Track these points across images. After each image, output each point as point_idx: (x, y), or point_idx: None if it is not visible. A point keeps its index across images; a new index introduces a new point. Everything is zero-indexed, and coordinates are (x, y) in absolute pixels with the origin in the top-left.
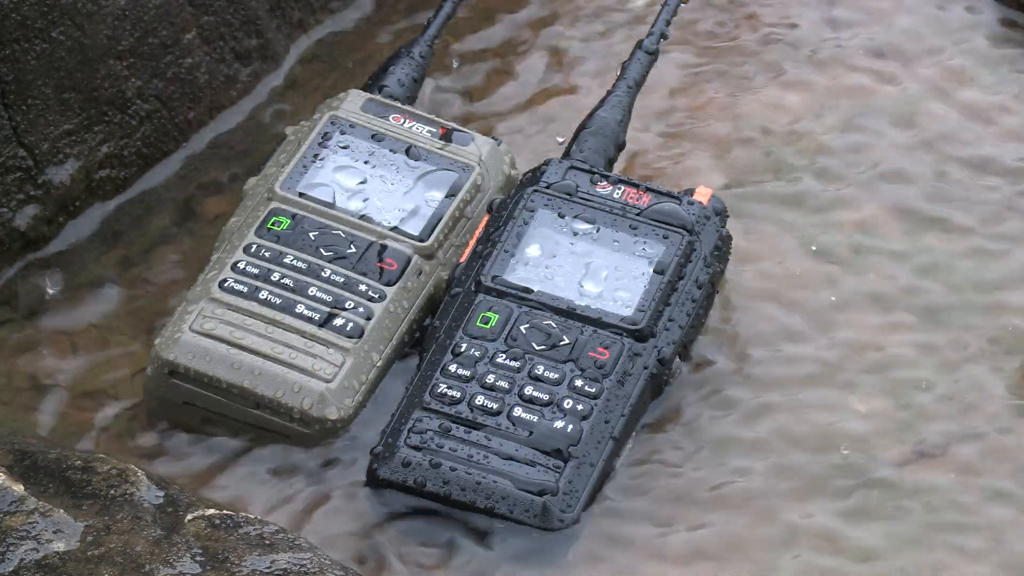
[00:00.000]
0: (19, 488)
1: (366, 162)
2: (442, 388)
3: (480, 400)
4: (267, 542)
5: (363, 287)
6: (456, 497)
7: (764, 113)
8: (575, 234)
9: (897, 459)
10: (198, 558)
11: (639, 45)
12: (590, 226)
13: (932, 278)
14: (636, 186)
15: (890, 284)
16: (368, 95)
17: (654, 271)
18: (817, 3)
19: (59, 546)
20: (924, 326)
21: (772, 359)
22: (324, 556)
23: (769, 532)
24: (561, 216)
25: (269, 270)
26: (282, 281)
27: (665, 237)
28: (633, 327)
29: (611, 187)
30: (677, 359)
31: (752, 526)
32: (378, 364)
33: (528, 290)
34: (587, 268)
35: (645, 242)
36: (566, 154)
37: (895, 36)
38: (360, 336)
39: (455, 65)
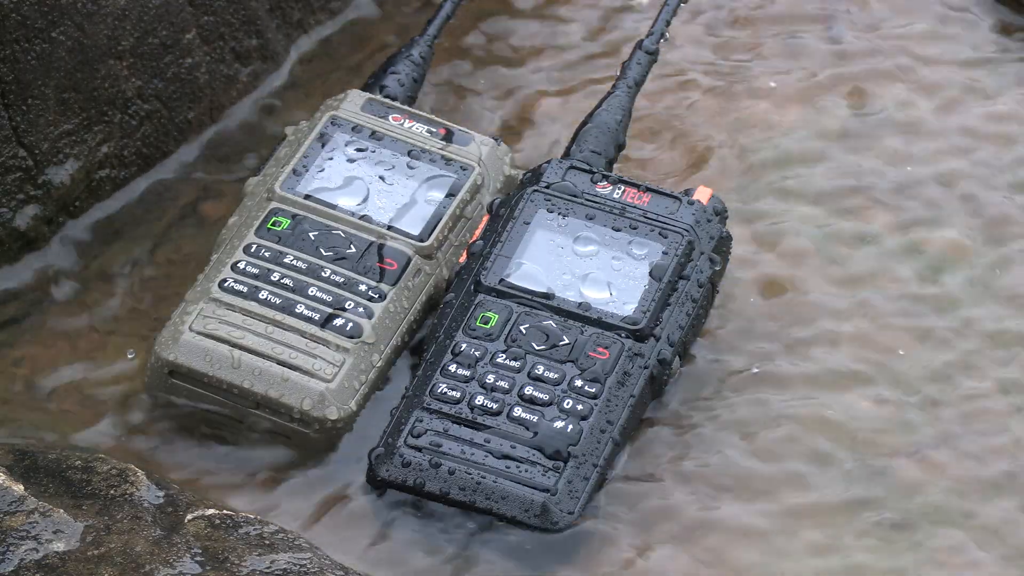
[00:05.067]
0: (19, 488)
1: (366, 162)
2: (442, 388)
3: (480, 400)
4: (267, 542)
5: (363, 287)
6: (456, 497)
7: (763, 113)
8: (575, 234)
9: (904, 459)
10: (198, 558)
11: (639, 45)
12: (590, 226)
13: (933, 278)
14: (636, 186)
15: (891, 283)
16: (368, 95)
17: (654, 271)
18: (816, 3)
19: (59, 546)
20: (925, 326)
21: (773, 360)
22: (324, 556)
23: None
24: (561, 216)
25: (269, 270)
26: (282, 281)
27: (665, 237)
28: (633, 327)
29: (611, 187)
30: (677, 359)
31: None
32: (378, 364)
33: (528, 290)
34: (587, 268)
35: (645, 242)
36: (566, 154)
37: (895, 36)
38: (360, 336)
39: None
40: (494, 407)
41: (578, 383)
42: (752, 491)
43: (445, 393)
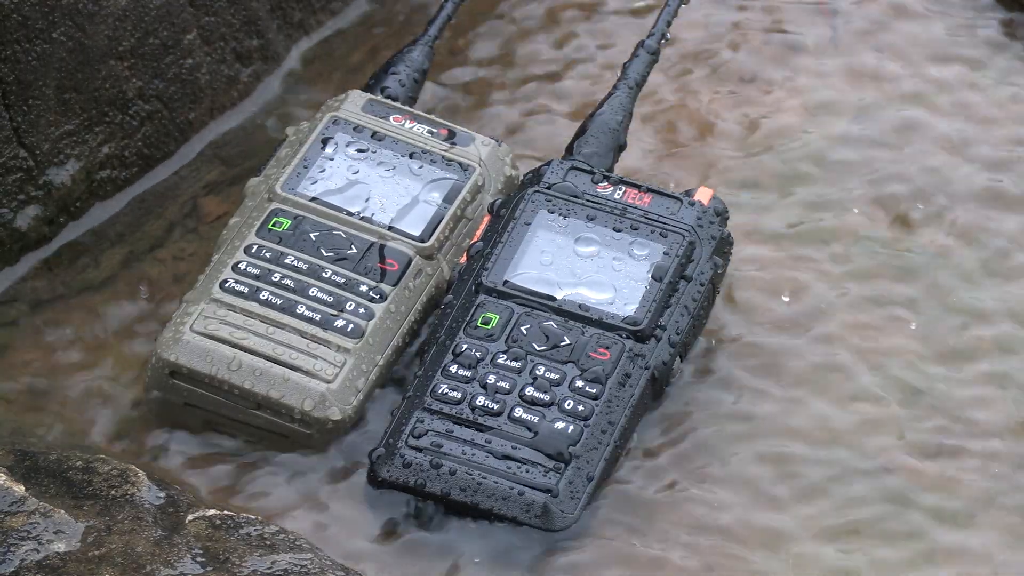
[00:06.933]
0: (20, 489)
1: (366, 163)
2: (443, 389)
3: (481, 401)
4: (267, 542)
5: (364, 288)
6: (457, 497)
7: (762, 113)
8: (576, 235)
9: (896, 458)
10: (199, 559)
11: (640, 45)
12: (591, 226)
13: (933, 278)
14: (637, 187)
15: (891, 284)
16: (369, 96)
17: (655, 272)
18: (816, 5)
19: (60, 547)
20: (923, 327)
21: (771, 359)
22: (324, 556)
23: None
24: (562, 217)
25: (270, 271)
26: (283, 282)
27: (666, 238)
28: (634, 327)
29: (612, 188)
30: (677, 360)
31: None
32: (379, 364)
33: (529, 291)
34: (588, 269)
35: (646, 243)
36: (567, 154)
37: (896, 36)
38: (361, 337)
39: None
40: (495, 408)
41: (579, 384)
42: None
43: (446, 394)
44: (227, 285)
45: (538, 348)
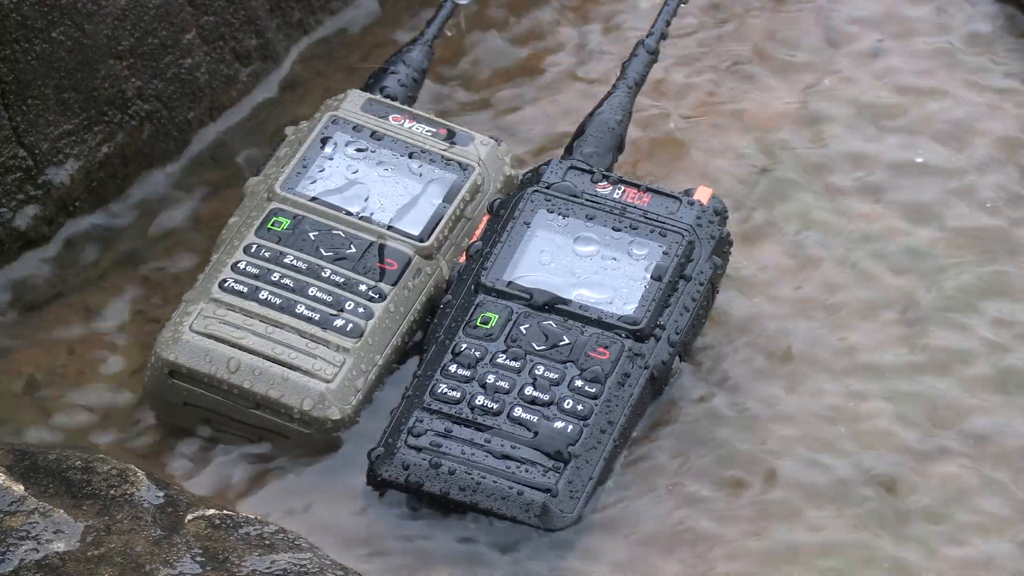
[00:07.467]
0: (19, 488)
1: (366, 162)
2: (442, 388)
3: (480, 400)
4: (267, 542)
5: (363, 287)
6: (456, 497)
7: (762, 114)
8: (575, 234)
9: (898, 459)
10: (198, 558)
11: (640, 45)
12: (590, 226)
13: (932, 279)
14: (636, 186)
15: (889, 285)
16: (368, 95)
17: (654, 271)
18: (815, 2)
19: (59, 546)
20: (922, 329)
21: (768, 359)
22: (324, 556)
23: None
24: (561, 216)
25: (269, 270)
26: (282, 281)
27: (665, 237)
28: (633, 327)
29: (611, 187)
30: (677, 359)
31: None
32: (379, 364)
33: (528, 290)
34: (587, 268)
35: (645, 242)
36: (566, 154)
37: (895, 35)
38: (360, 336)
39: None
40: (494, 407)
41: (578, 383)
42: None
43: (445, 393)
44: (226, 284)
45: (537, 348)
